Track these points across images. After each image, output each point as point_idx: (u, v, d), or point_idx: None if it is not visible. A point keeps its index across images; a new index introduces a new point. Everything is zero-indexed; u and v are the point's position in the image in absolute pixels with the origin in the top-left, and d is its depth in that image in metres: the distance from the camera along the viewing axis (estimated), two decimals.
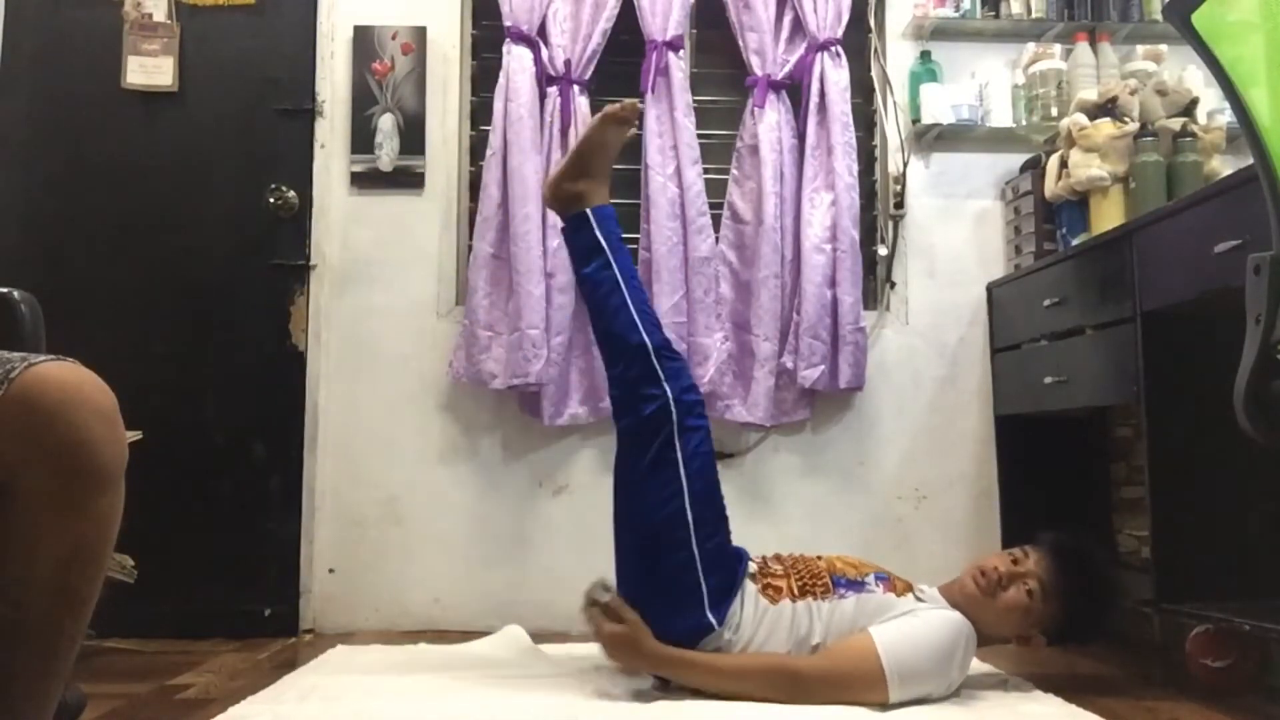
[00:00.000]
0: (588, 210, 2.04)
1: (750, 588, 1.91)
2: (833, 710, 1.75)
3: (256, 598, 2.70)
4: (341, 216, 2.89)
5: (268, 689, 1.93)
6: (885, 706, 1.78)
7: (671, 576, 1.87)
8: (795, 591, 1.90)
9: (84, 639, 1.05)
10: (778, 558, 2.01)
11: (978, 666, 2.09)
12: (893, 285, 2.96)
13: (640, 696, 1.86)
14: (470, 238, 2.85)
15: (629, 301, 1.98)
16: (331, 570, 2.79)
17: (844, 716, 1.73)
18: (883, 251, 2.98)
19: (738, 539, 2.03)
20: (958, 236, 2.98)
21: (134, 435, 1.22)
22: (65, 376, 1.00)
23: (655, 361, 1.94)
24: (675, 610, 1.86)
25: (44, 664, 1.02)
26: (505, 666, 2.17)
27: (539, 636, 2.56)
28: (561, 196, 2.08)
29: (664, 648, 1.84)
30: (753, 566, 1.97)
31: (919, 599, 1.92)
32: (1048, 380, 2.47)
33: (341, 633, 2.70)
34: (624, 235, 2.82)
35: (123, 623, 2.37)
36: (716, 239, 2.86)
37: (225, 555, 2.71)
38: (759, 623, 1.87)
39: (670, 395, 1.92)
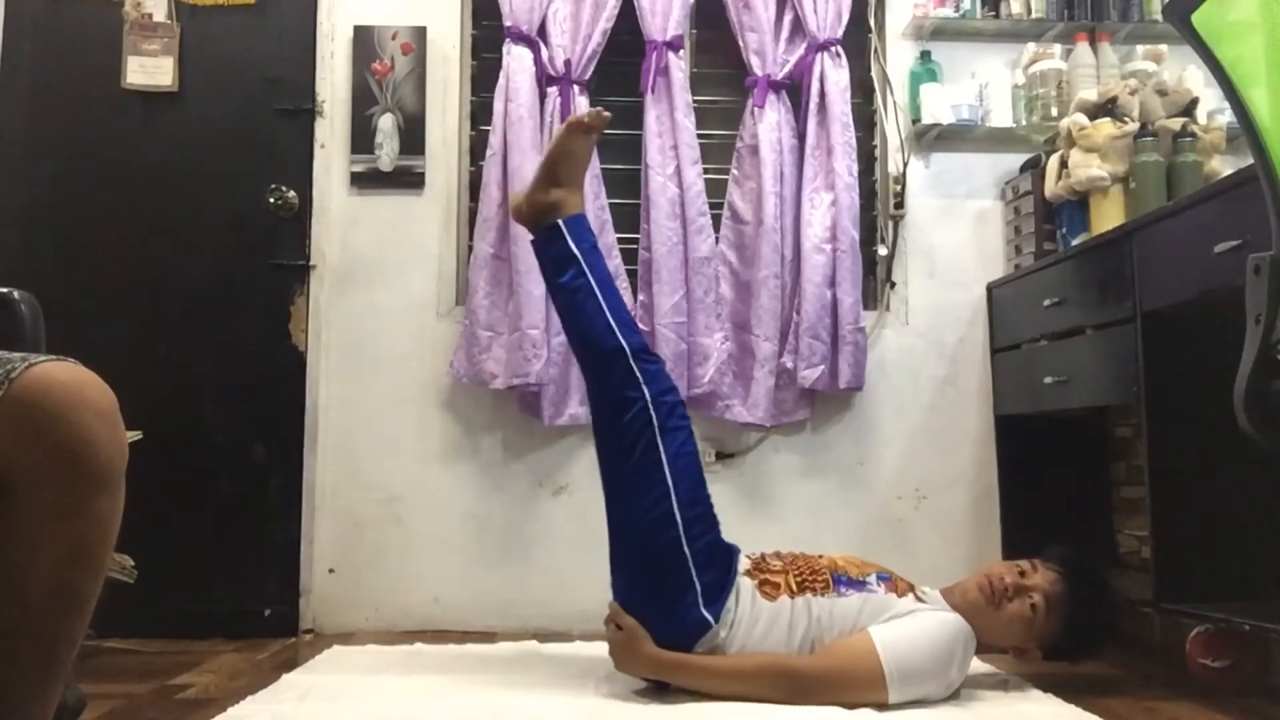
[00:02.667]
0: (560, 222, 2.03)
1: (746, 584, 1.91)
2: (833, 711, 1.75)
3: (256, 598, 2.70)
4: (341, 216, 2.89)
5: (268, 689, 1.94)
6: (884, 707, 1.78)
7: (664, 576, 1.87)
8: (794, 588, 1.90)
9: (84, 639, 1.05)
10: (777, 554, 2.01)
11: (978, 666, 2.09)
12: (893, 285, 2.96)
13: (640, 697, 1.86)
14: (470, 238, 2.85)
15: (604, 306, 1.98)
16: (331, 570, 2.79)
17: (845, 717, 1.73)
18: (883, 251, 2.98)
19: (737, 539, 2.04)
20: (958, 236, 2.98)
21: (134, 435, 1.22)
22: (66, 376, 1.00)
23: (633, 364, 1.94)
24: (671, 609, 1.86)
25: (44, 664, 1.02)
26: (505, 666, 2.17)
27: (539, 636, 2.57)
28: (536, 208, 2.07)
29: (662, 652, 1.85)
30: (747, 563, 1.97)
31: (920, 600, 1.92)
32: (1048, 380, 2.47)
33: (341, 633, 2.70)
34: (623, 236, 2.85)
35: (123, 623, 2.37)
36: (716, 239, 2.86)
37: (225, 555, 2.71)
38: (756, 619, 1.87)
39: (649, 397, 1.92)
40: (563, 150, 2.06)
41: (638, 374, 1.93)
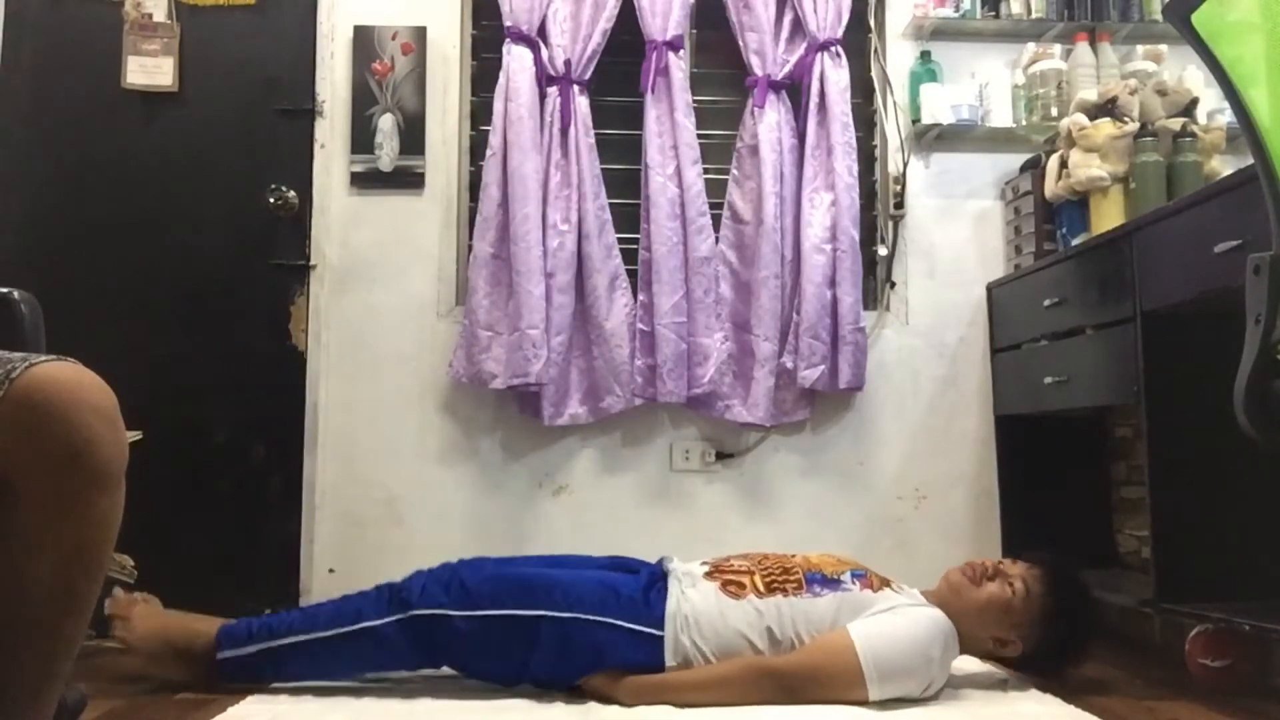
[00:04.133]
0: (221, 658, 1.89)
1: (708, 586, 1.90)
2: (827, 711, 1.75)
3: (256, 598, 2.68)
4: (341, 216, 2.89)
5: (267, 689, 1.93)
6: (868, 704, 1.78)
7: (589, 645, 1.85)
8: (760, 588, 1.89)
9: (84, 639, 1.05)
10: (744, 555, 2.01)
11: (978, 666, 2.09)
12: (893, 285, 2.96)
13: None
14: (470, 238, 2.85)
15: (319, 628, 1.89)
16: (331, 570, 2.79)
17: (839, 717, 1.73)
18: (883, 251, 2.98)
19: (738, 539, 2.05)
20: (958, 236, 2.98)
21: (134, 435, 1.22)
22: (66, 376, 1.00)
23: (381, 621, 1.87)
24: (616, 651, 1.85)
25: (44, 664, 1.02)
26: None
27: None
28: (201, 674, 1.92)
29: (641, 678, 1.84)
30: (705, 566, 1.97)
31: (896, 594, 1.92)
32: (1048, 380, 2.47)
33: None
34: (623, 236, 2.85)
35: None
36: (716, 239, 2.86)
37: (225, 555, 2.71)
38: (722, 619, 1.86)
39: (417, 611, 1.87)
40: (141, 642, 1.94)
41: (390, 617, 1.87)
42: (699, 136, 2.84)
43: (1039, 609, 1.92)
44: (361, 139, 2.88)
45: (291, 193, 2.82)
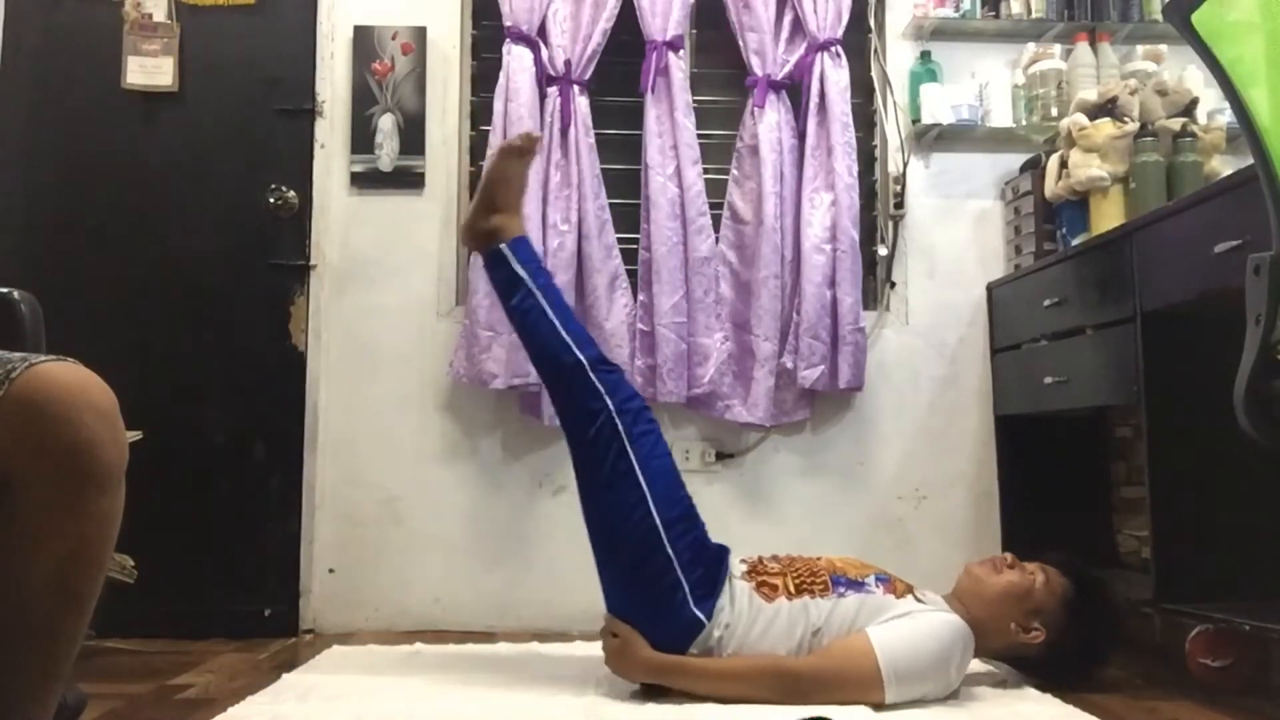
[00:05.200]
0: (502, 246, 2.05)
1: (742, 586, 1.91)
2: (834, 710, 1.75)
3: (256, 598, 2.70)
4: (341, 216, 2.89)
5: (267, 689, 1.94)
6: (881, 707, 1.78)
7: (651, 580, 1.87)
8: (792, 590, 1.90)
9: (84, 639, 1.05)
10: (775, 557, 2.01)
11: (977, 666, 2.09)
12: (893, 285, 2.96)
13: (639, 697, 1.86)
14: None
15: (557, 324, 1.99)
16: (331, 570, 2.79)
17: (845, 717, 1.73)
18: (883, 251, 2.98)
19: (737, 539, 2.04)
20: (958, 236, 2.98)
21: (134, 435, 1.22)
22: (66, 376, 1.01)
23: (592, 376, 1.95)
24: (661, 612, 1.87)
25: (44, 664, 1.02)
26: (505, 666, 2.17)
27: (539, 636, 2.57)
28: (478, 235, 2.10)
29: (659, 655, 1.85)
30: (744, 566, 1.97)
31: (919, 601, 1.92)
32: (1048, 380, 2.47)
33: (341, 633, 2.70)
34: (623, 236, 2.85)
35: (123, 623, 2.37)
36: (716, 239, 2.86)
37: (225, 555, 2.71)
38: (754, 621, 1.87)
39: (612, 407, 1.93)
40: (497, 175, 2.09)
41: (598, 385, 1.95)
42: (699, 136, 2.85)
43: (1060, 596, 1.94)
44: (361, 139, 2.88)
45: (291, 193, 2.82)
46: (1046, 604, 1.93)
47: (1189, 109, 2.55)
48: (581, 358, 1.96)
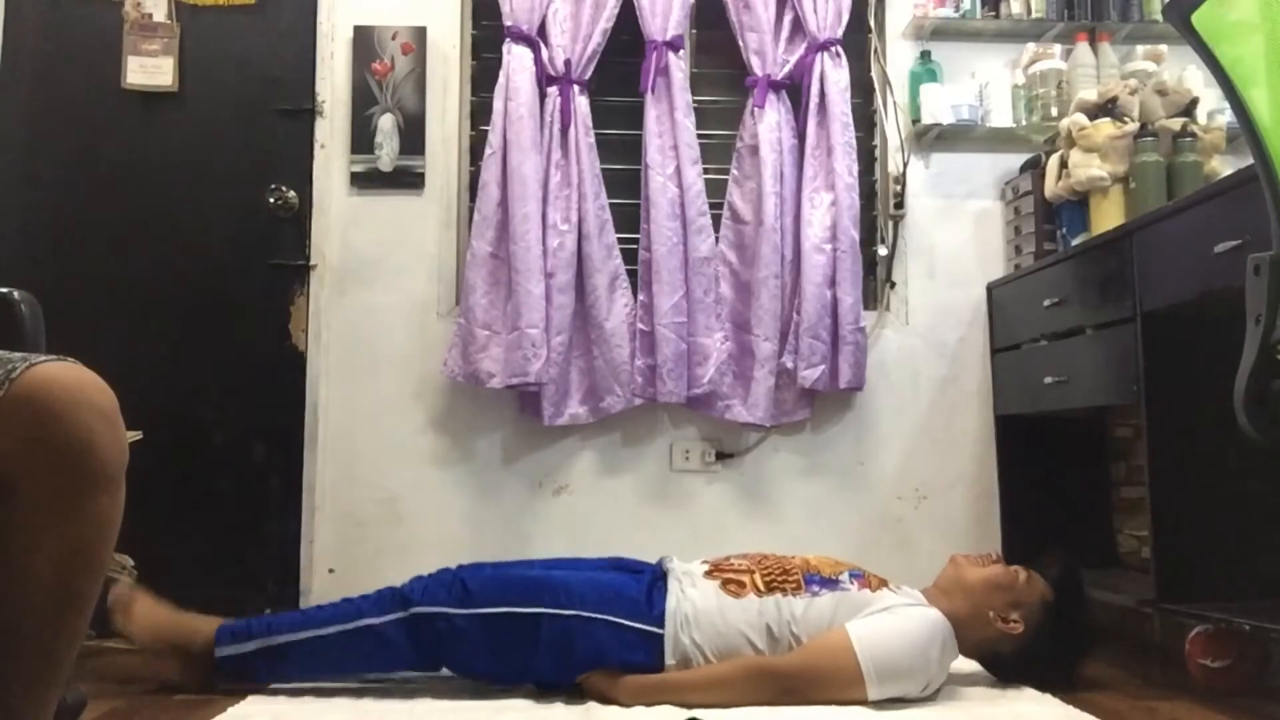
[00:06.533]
0: (219, 656, 1.89)
1: (707, 584, 1.91)
2: (827, 711, 1.75)
3: (256, 598, 2.70)
4: (341, 216, 2.89)
5: (267, 689, 1.93)
6: (866, 704, 1.78)
7: (590, 644, 1.86)
8: (761, 587, 1.90)
9: (84, 639, 1.05)
10: (743, 555, 2.02)
11: (977, 666, 2.09)
12: (893, 285, 2.96)
13: None
14: (470, 237, 2.85)
15: (321, 628, 1.91)
16: (331, 570, 2.79)
17: (838, 717, 1.73)
18: (883, 251, 2.98)
19: (738, 539, 2.05)
20: (958, 236, 2.98)
21: (134, 435, 1.22)
22: (66, 376, 1.00)
23: (383, 620, 1.90)
24: (616, 649, 1.86)
25: (44, 664, 1.02)
26: None
27: None
28: (197, 673, 1.92)
29: (640, 678, 1.84)
30: (705, 565, 1.97)
31: (895, 595, 1.92)
32: (1048, 380, 2.47)
33: None
34: (623, 236, 2.85)
35: None
36: (716, 239, 2.86)
37: (225, 555, 2.71)
38: (722, 618, 1.86)
39: (419, 609, 1.89)
40: (131, 636, 1.94)
41: (391, 618, 1.90)
42: (699, 136, 2.84)
43: (1040, 596, 1.94)
44: (361, 139, 2.88)
45: (291, 193, 2.82)
46: (1026, 598, 1.93)
47: (1189, 109, 2.55)
48: (361, 627, 1.89)
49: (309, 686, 1.95)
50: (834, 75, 2.83)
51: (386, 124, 2.88)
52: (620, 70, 2.91)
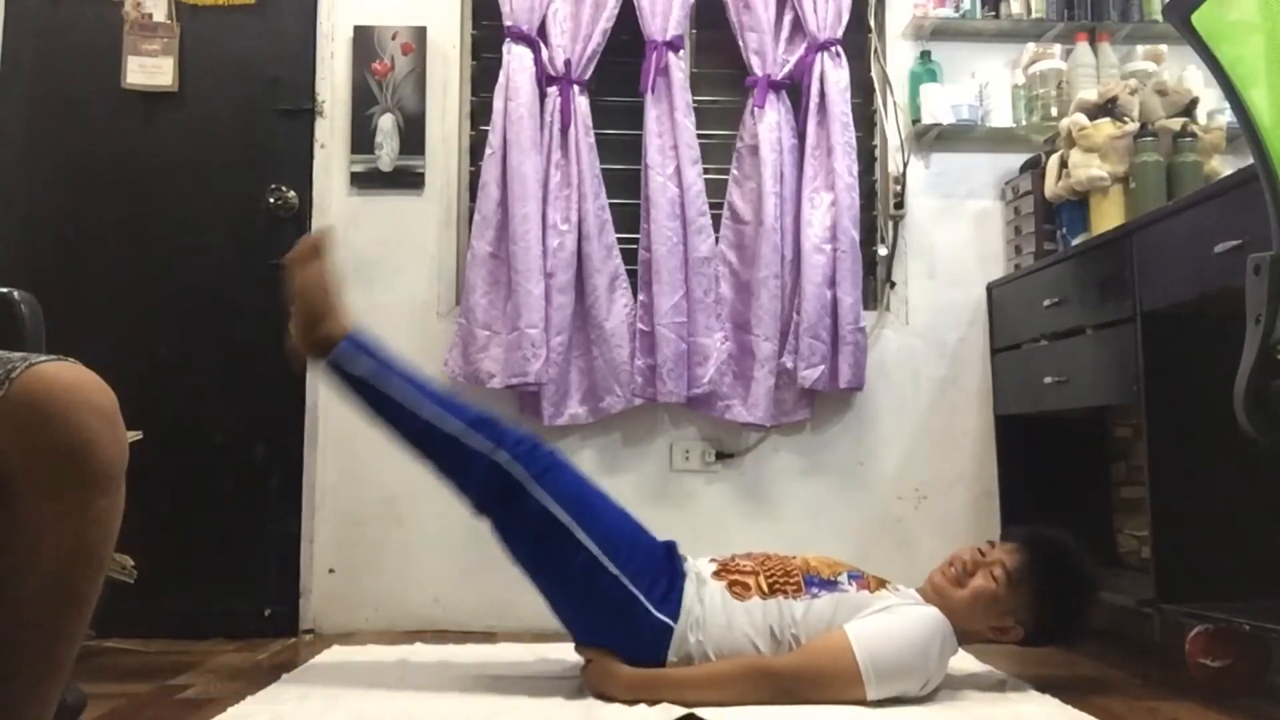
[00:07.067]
0: (334, 354, 1.96)
1: (715, 585, 1.90)
2: (826, 711, 1.75)
3: (256, 598, 2.70)
4: (341, 216, 2.89)
5: (268, 689, 1.94)
6: (865, 703, 1.78)
7: (606, 603, 1.87)
8: (765, 589, 1.89)
9: (84, 639, 1.05)
10: (748, 555, 2.01)
11: (976, 667, 2.09)
12: (893, 285, 2.96)
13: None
14: (470, 237, 2.85)
15: (419, 408, 1.93)
16: (331, 570, 2.79)
17: (839, 717, 1.73)
18: (883, 251, 2.98)
19: (738, 539, 2.05)
20: (958, 236, 2.98)
21: (134, 435, 1.22)
22: (66, 376, 1.01)
23: (471, 442, 1.91)
24: (626, 629, 1.86)
25: (44, 663, 1.02)
26: (504, 667, 2.18)
27: (539, 636, 2.56)
28: (309, 349, 2.02)
29: (637, 671, 1.84)
30: (714, 565, 1.96)
31: (893, 596, 1.92)
32: (1048, 380, 2.47)
33: (341, 633, 2.70)
34: (623, 236, 2.85)
35: (123, 623, 2.36)
36: (716, 239, 2.86)
37: (225, 555, 2.71)
38: (728, 620, 1.86)
39: (503, 461, 1.90)
40: (303, 285, 2.02)
41: (478, 450, 1.90)
42: (699, 136, 2.84)
43: (1026, 591, 1.90)
44: (361, 139, 2.88)
45: (291, 193, 2.82)
46: (1014, 604, 1.91)
47: (1189, 109, 2.55)
48: (452, 430, 1.91)
49: (308, 689, 1.95)
50: (834, 75, 2.83)
51: (386, 124, 2.88)
52: (620, 70, 2.91)
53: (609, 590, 1.86)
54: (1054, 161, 2.66)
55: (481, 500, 1.95)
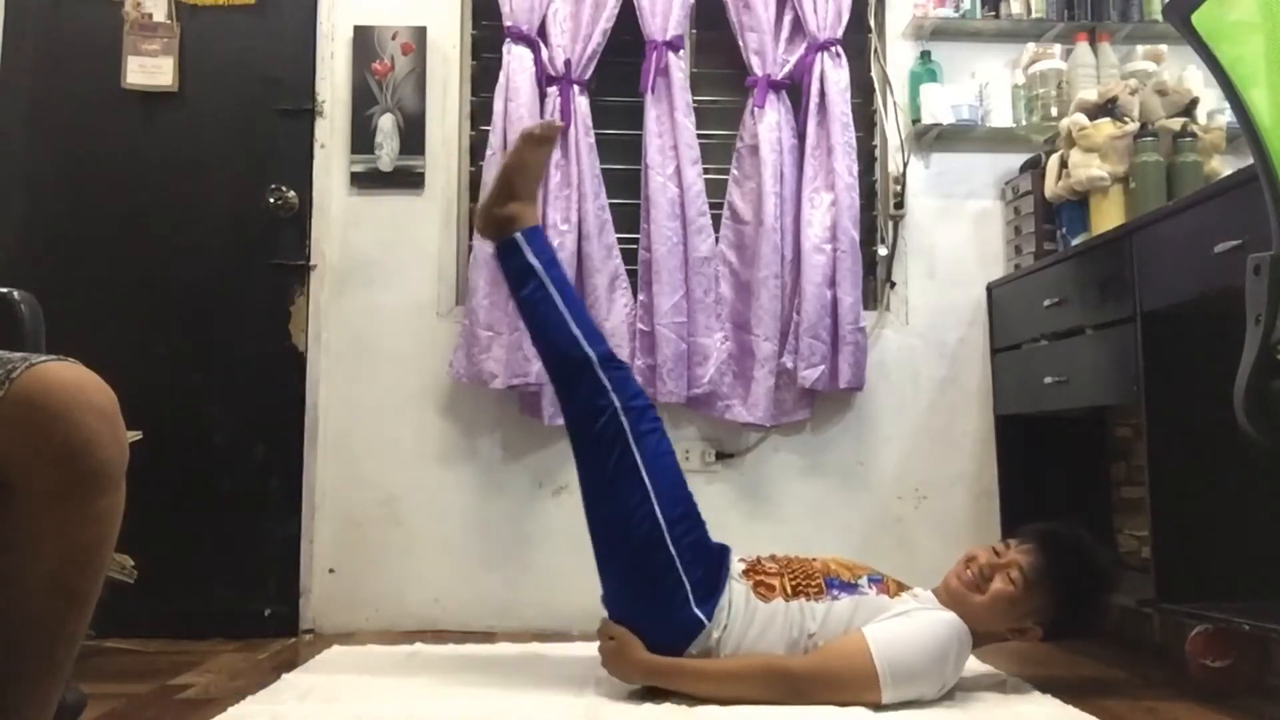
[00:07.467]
0: (517, 235, 2.04)
1: (739, 586, 1.91)
2: (832, 711, 1.75)
3: (256, 598, 2.70)
4: (341, 216, 2.89)
5: (267, 689, 1.94)
6: (879, 707, 1.78)
7: (654, 579, 1.88)
8: (789, 591, 1.90)
9: (84, 639, 1.05)
10: (772, 557, 2.01)
11: (977, 667, 2.09)
12: (893, 285, 2.96)
13: (638, 697, 1.86)
14: (470, 237, 2.85)
15: (567, 318, 1.99)
16: (331, 570, 2.79)
17: (843, 718, 1.73)
18: (883, 251, 2.98)
19: (737, 539, 2.04)
20: (958, 236, 2.98)
21: (134, 435, 1.22)
22: (66, 376, 1.01)
23: (600, 373, 1.95)
24: (662, 612, 1.87)
25: (44, 664, 1.02)
26: (504, 667, 2.17)
27: (539, 636, 2.57)
28: (492, 222, 2.08)
29: (655, 657, 1.85)
30: (743, 565, 1.97)
31: (912, 601, 1.92)
32: (1048, 380, 2.47)
33: (341, 633, 2.70)
34: (623, 236, 2.85)
35: (123, 623, 2.37)
36: (716, 239, 2.86)
37: (225, 555, 2.71)
38: (750, 621, 1.86)
39: (619, 405, 1.93)
40: (516, 163, 2.08)
41: (605, 382, 1.94)
42: (699, 136, 2.85)
43: (1044, 590, 1.89)
44: (361, 139, 2.88)
45: (291, 193, 2.82)
46: (1032, 605, 1.90)
47: (1189, 109, 2.55)
48: (591, 353, 1.96)
49: (307, 687, 1.95)
50: (834, 75, 2.83)
51: (386, 124, 2.88)
52: (620, 70, 2.91)
53: (661, 568, 1.87)
54: (1054, 161, 2.66)
55: (582, 426, 1.97)
